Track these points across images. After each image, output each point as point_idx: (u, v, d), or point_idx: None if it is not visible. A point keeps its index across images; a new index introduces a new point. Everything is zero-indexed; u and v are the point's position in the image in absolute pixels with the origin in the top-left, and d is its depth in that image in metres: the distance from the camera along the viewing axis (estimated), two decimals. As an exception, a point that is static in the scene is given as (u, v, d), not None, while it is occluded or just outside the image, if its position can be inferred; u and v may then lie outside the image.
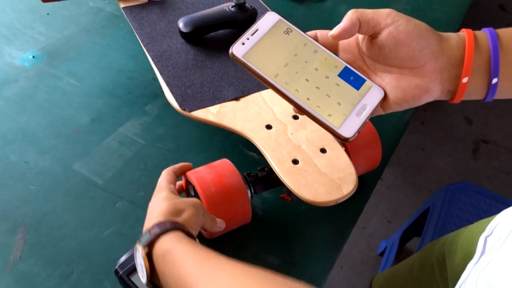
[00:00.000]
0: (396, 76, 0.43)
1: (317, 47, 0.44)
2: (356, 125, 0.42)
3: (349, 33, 0.41)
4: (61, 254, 0.56)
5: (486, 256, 0.49)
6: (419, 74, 0.41)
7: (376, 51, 0.42)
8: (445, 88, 0.42)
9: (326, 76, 0.43)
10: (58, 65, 0.78)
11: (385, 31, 0.40)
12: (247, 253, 0.58)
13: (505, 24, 2.53)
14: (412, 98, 0.42)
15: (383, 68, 0.43)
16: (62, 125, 0.69)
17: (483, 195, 1.11)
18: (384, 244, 1.48)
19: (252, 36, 0.43)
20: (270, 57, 0.43)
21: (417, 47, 0.40)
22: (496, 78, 0.41)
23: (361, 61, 0.45)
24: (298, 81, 0.43)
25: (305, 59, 0.43)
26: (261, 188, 0.58)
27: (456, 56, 0.41)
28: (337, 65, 0.44)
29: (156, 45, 0.69)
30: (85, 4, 0.90)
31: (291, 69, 0.43)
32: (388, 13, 0.41)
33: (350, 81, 0.43)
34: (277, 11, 0.79)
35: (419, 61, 0.41)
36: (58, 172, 0.64)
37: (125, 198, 0.62)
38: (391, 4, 0.98)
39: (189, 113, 0.60)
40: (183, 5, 0.77)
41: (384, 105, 0.43)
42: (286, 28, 0.44)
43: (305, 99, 0.42)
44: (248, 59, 0.42)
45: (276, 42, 0.44)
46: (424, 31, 0.41)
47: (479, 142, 1.93)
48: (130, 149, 0.67)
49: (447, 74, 0.41)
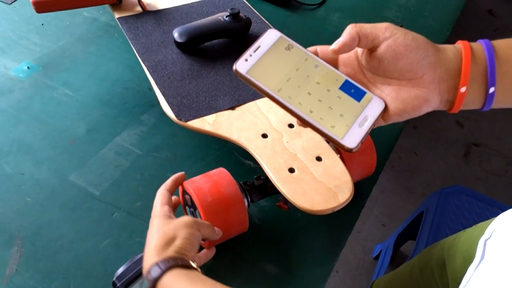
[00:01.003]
0: (395, 88, 0.44)
1: (318, 62, 0.45)
2: (359, 136, 0.43)
3: (349, 47, 0.42)
4: (57, 266, 0.56)
5: (487, 260, 0.50)
6: (418, 85, 0.42)
7: (376, 64, 0.43)
8: (444, 98, 0.43)
9: (327, 89, 0.44)
10: (53, 75, 0.78)
11: (384, 44, 0.42)
12: (244, 262, 0.58)
13: (494, 28, 2.57)
14: (412, 108, 0.43)
15: (383, 81, 0.45)
16: (58, 136, 0.69)
17: (476, 199, 1.12)
18: (379, 247, 1.49)
19: (254, 53, 0.44)
20: (273, 73, 0.44)
21: (415, 58, 0.41)
22: (493, 87, 0.42)
23: (361, 74, 0.46)
24: (301, 95, 0.44)
25: (306, 73, 0.45)
26: (257, 197, 0.58)
27: (453, 67, 0.42)
28: (338, 78, 0.45)
29: (152, 55, 0.70)
30: (79, 14, 0.90)
31: (293, 84, 0.44)
32: (386, 26, 0.42)
33: (351, 93, 0.45)
34: (270, 20, 0.81)
35: (417, 72, 0.42)
36: (54, 184, 0.64)
37: (122, 208, 0.62)
38: (383, 11, 1.00)
39: (185, 123, 0.60)
40: (178, 15, 0.77)
41: (385, 116, 0.44)
42: (287, 44, 0.46)
43: (308, 112, 0.43)
44: (251, 75, 0.43)
45: (278, 58, 0.45)
46: (422, 43, 0.42)
47: (471, 145, 1.95)
48: (126, 159, 0.67)
49: (445, 85, 0.43)
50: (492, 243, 0.55)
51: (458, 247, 0.67)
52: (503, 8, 2.73)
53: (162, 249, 0.45)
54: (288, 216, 0.63)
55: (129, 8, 0.78)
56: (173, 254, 0.45)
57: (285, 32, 0.47)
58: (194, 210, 0.56)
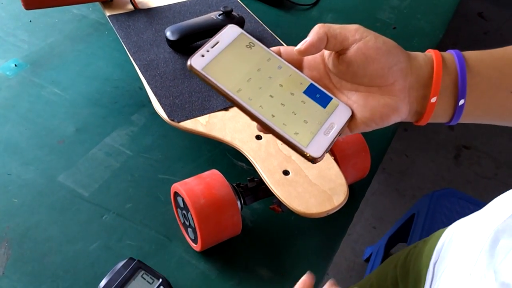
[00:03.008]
0: (363, 95, 0.41)
1: (281, 62, 0.42)
2: (324, 145, 0.40)
3: (316, 48, 0.39)
4: (45, 269, 0.54)
5: (436, 284, 0.49)
6: (387, 92, 0.40)
7: (344, 68, 0.41)
8: (413, 108, 0.41)
9: (291, 93, 0.41)
10: (41, 73, 0.77)
11: (354, 47, 0.39)
12: (237, 265, 0.57)
13: (484, 31, 2.59)
14: (380, 117, 0.40)
15: (350, 86, 0.42)
16: (46, 136, 0.68)
17: (467, 201, 1.13)
18: (370, 250, 1.49)
19: (212, 49, 0.41)
20: (232, 71, 0.41)
21: (386, 63, 0.39)
22: (463, 100, 0.40)
23: (327, 79, 0.43)
24: (262, 97, 0.40)
25: (269, 74, 0.41)
26: (251, 199, 0.57)
27: (424, 76, 0.40)
28: (302, 82, 0.42)
29: (143, 54, 0.68)
30: (69, 11, 0.89)
31: (254, 85, 0.41)
32: (356, 28, 0.40)
33: (316, 98, 0.42)
34: (263, 19, 0.80)
35: (388, 78, 0.39)
36: (42, 184, 0.62)
37: (111, 210, 0.61)
38: (376, 13, 0.99)
39: (177, 123, 0.59)
40: (170, 14, 0.76)
41: (351, 125, 0.42)
42: (248, 42, 0.43)
43: (270, 116, 0.40)
44: (208, 72, 0.40)
45: (238, 56, 0.42)
46: (393, 48, 0.40)
47: (461, 147, 1.96)
48: (116, 160, 0.66)
49: (415, 94, 0.40)
50: (440, 265, 0.55)
51: (410, 267, 0.66)
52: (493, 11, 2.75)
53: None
54: (281, 219, 0.62)
55: (120, 6, 0.76)
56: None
57: (278, 32, 0.45)
58: (187, 213, 0.54)
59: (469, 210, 1.11)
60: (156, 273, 0.51)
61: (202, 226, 0.52)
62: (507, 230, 0.43)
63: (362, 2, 1.02)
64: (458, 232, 0.56)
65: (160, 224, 0.60)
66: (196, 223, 0.52)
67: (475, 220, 0.53)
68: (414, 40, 0.94)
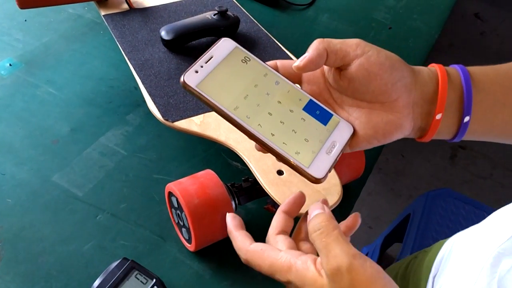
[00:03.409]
0: (365, 111, 0.39)
1: (279, 78, 0.41)
2: (326, 165, 0.38)
3: (316, 64, 0.38)
4: (39, 270, 0.54)
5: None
6: (390, 109, 0.38)
7: (345, 84, 0.39)
8: (417, 125, 0.40)
9: (290, 110, 0.39)
10: (36, 73, 0.76)
11: (355, 63, 0.38)
12: (231, 265, 0.57)
13: (480, 32, 2.60)
14: (382, 135, 0.39)
15: (352, 102, 0.40)
16: (40, 135, 0.68)
17: (463, 202, 1.13)
18: (366, 250, 1.49)
19: (206, 64, 0.39)
20: (228, 88, 0.39)
21: (390, 79, 0.38)
22: (468, 117, 0.39)
23: (327, 94, 0.42)
24: (261, 115, 0.38)
25: (266, 90, 0.40)
26: (245, 199, 0.57)
27: (428, 91, 0.39)
28: (301, 98, 0.40)
29: (138, 54, 0.68)
30: (64, 11, 0.89)
31: (252, 102, 0.39)
32: (357, 43, 0.38)
33: (316, 115, 0.40)
34: (259, 19, 0.80)
35: (391, 95, 0.38)
36: (36, 184, 0.62)
37: (106, 210, 0.60)
38: (372, 13, 0.99)
39: (172, 123, 0.59)
40: (165, 14, 0.76)
41: (353, 142, 0.40)
42: (243, 56, 0.41)
43: (269, 135, 0.38)
44: (202, 90, 0.38)
45: (234, 72, 0.40)
46: (397, 62, 0.38)
47: (457, 148, 1.97)
48: (111, 160, 0.66)
49: (419, 110, 0.39)
50: (439, 279, 0.55)
51: (410, 278, 0.65)
52: (489, 12, 2.76)
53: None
54: (276, 218, 0.62)
55: (115, 5, 0.76)
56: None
57: (274, 32, 0.44)
58: (181, 213, 0.54)
59: (464, 211, 1.11)
60: (150, 273, 0.50)
61: (196, 226, 0.52)
62: (510, 250, 0.43)
63: (358, 2, 1.02)
64: (458, 246, 0.55)
65: (155, 224, 0.60)
66: (190, 223, 0.52)
67: (475, 235, 0.52)
68: (409, 40, 0.94)
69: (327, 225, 0.35)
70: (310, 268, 0.35)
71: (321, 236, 0.35)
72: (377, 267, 0.34)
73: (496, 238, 0.46)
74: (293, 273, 0.35)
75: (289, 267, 0.36)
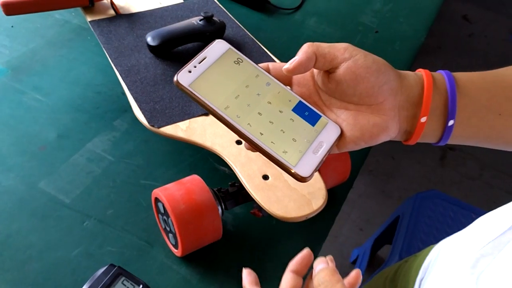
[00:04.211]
0: (353, 113, 0.41)
1: (270, 79, 0.42)
2: (313, 164, 0.39)
3: (305, 67, 0.39)
4: (26, 277, 0.54)
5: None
6: (377, 111, 0.40)
7: (333, 86, 0.40)
8: (402, 127, 0.41)
9: (279, 111, 0.41)
10: (23, 79, 0.76)
11: (343, 66, 0.39)
12: (218, 270, 0.57)
13: (469, 33, 2.62)
14: (369, 136, 0.40)
15: (340, 104, 0.41)
16: (27, 142, 0.68)
17: (450, 203, 1.14)
18: (356, 252, 1.50)
19: (199, 64, 0.40)
20: (220, 88, 0.40)
21: (376, 82, 0.39)
22: (452, 120, 0.40)
23: (316, 96, 0.43)
24: (251, 115, 0.40)
25: (257, 91, 0.41)
26: (232, 204, 0.58)
27: (414, 95, 0.40)
28: (291, 99, 0.42)
29: (124, 59, 0.68)
30: (51, 17, 0.88)
31: (242, 102, 0.40)
32: (345, 47, 0.40)
33: (305, 116, 0.41)
34: (246, 24, 0.80)
35: (378, 97, 0.39)
36: (23, 191, 0.62)
37: (93, 216, 0.60)
38: (358, 16, 1.00)
39: (158, 129, 0.59)
40: (152, 19, 0.76)
41: (340, 144, 0.41)
42: (236, 58, 0.42)
43: (258, 134, 0.39)
44: (195, 89, 0.39)
45: (226, 72, 0.41)
46: (383, 66, 0.39)
47: (446, 149, 1.98)
48: (98, 166, 0.66)
49: (405, 113, 0.40)
50: (425, 283, 0.56)
51: (399, 282, 0.66)
52: (477, 14, 2.79)
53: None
54: (262, 223, 0.62)
55: (101, 11, 0.76)
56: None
57: (261, 36, 0.45)
58: (167, 218, 0.55)
59: (452, 212, 1.12)
60: (137, 279, 0.51)
61: (182, 231, 0.52)
62: (488, 252, 0.44)
63: (345, 6, 1.03)
64: (443, 251, 0.56)
65: (142, 229, 0.60)
66: (176, 229, 0.52)
67: (460, 240, 0.54)
68: (396, 43, 0.95)
69: (330, 279, 0.37)
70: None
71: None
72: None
73: (478, 242, 0.46)
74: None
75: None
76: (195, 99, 0.39)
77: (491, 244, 0.44)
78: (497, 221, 0.48)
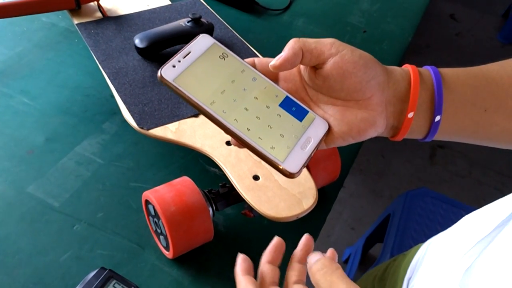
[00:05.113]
0: (340, 109, 0.40)
1: (256, 74, 0.41)
2: (301, 160, 0.39)
3: (291, 63, 0.39)
4: (15, 282, 0.54)
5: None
6: (365, 106, 0.40)
7: (320, 82, 0.40)
8: (389, 123, 0.41)
9: (266, 106, 0.40)
10: (9, 83, 0.76)
11: (330, 61, 0.39)
12: (210, 271, 0.57)
13: (456, 32, 2.64)
14: (357, 132, 0.40)
15: (327, 100, 0.41)
16: (14, 146, 0.67)
17: (440, 201, 1.15)
18: (348, 251, 1.50)
19: (184, 59, 0.39)
20: (205, 83, 0.39)
21: (364, 77, 0.39)
22: (439, 116, 0.40)
23: (303, 91, 0.43)
24: (237, 110, 0.39)
25: (243, 86, 0.40)
26: (223, 205, 0.57)
27: (401, 90, 0.40)
28: (277, 94, 0.41)
29: (112, 62, 0.68)
30: (37, 20, 0.88)
31: (228, 97, 0.39)
32: (331, 42, 0.39)
33: (292, 112, 0.41)
34: (235, 25, 0.80)
35: (365, 92, 0.39)
36: (11, 196, 0.61)
37: (83, 220, 0.60)
38: (346, 17, 1.01)
39: (147, 131, 0.59)
40: (140, 21, 0.76)
41: (328, 139, 0.41)
42: (221, 52, 0.41)
43: (245, 129, 0.38)
44: (180, 84, 0.38)
45: (211, 67, 0.40)
46: (370, 61, 0.39)
47: (436, 147, 2.00)
48: (87, 169, 0.65)
49: (392, 108, 0.40)
50: (413, 282, 0.56)
51: (387, 281, 0.67)
52: (464, 13, 2.81)
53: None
54: (254, 223, 0.62)
55: (88, 14, 0.76)
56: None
57: (250, 37, 0.44)
58: (158, 220, 0.54)
59: (442, 209, 1.13)
60: (128, 282, 0.50)
61: (173, 233, 0.52)
62: (477, 252, 0.44)
63: (333, 6, 1.03)
64: (431, 250, 0.57)
65: (132, 232, 0.59)
66: (167, 231, 0.52)
67: (447, 239, 0.54)
68: (384, 43, 0.95)
69: (330, 265, 0.36)
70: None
71: (325, 275, 0.35)
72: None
73: (465, 241, 0.47)
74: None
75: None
76: (180, 94, 0.38)
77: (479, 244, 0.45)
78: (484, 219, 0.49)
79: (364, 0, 1.06)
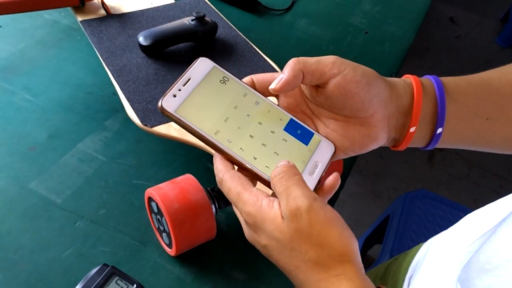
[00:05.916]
0: (342, 124, 0.40)
1: (258, 97, 0.40)
2: (310, 186, 0.36)
3: (292, 86, 0.38)
4: (17, 278, 0.54)
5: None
6: (367, 123, 0.39)
7: (322, 100, 0.40)
8: (391, 136, 0.41)
9: (271, 131, 0.39)
10: (12, 80, 0.76)
11: (332, 82, 0.38)
12: (212, 269, 0.57)
13: (456, 35, 2.65)
14: (359, 147, 0.40)
15: (328, 115, 0.41)
16: (17, 143, 0.67)
17: (439, 202, 1.15)
18: (347, 252, 1.50)
19: (184, 87, 0.38)
20: (208, 111, 0.38)
21: (366, 96, 0.38)
22: (441, 128, 0.40)
23: (304, 105, 0.42)
24: (242, 138, 0.38)
25: (246, 112, 0.39)
26: (225, 203, 0.57)
27: (404, 105, 0.40)
28: (282, 117, 0.40)
29: (116, 59, 0.68)
30: (40, 17, 0.88)
31: (232, 124, 0.38)
32: (333, 61, 0.38)
33: (297, 135, 0.40)
34: (237, 24, 0.80)
35: (368, 110, 0.39)
36: (14, 192, 0.61)
37: (85, 217, 0.60)
38: (348, 18, 1.01)
39: (151, 128, 0.59)
40: (143, 19, 0.76)
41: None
42: (222, 76, 0.40)
43: (251, 158, 0.37)
44: (182, 115, 0.37)
45: (213, 93, 0.39)
46: (373, 79, 0.39)
47: (434, 149, 2.00)
48: (90, 166, 0.65)
49: (394, 123, 0.40)
50: (414, 281, 0.56)
51: (388, 280, 0.67)
52: (463, 16, 2.82)
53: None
54: (256, 222, 0.62)
55: (92, 11, 0.76)
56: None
57: (252, 37, 0.44)
58: (161, 218, 0.54)
59: (441, 211, 1.14)
60: (131, 279, 0.50)
61: (176, 231, 0.52)
62: (475, 248, 0.44)
63: (335, 7, 1.04)
64: (432, 249, 0.57)
65: (135, 229, 0.59)
66: (170, 228, 0.52)
67: (448, 238, 0.54)
68: (385, 44, 0.95)
69: (288, 170, 0.35)
70: (274, 207, 0.35)
71: (281, 180, 0.35)
72: (337, 213, 0.34)
73: (466, 239, 0.47)
74: (257, 207, 0.35)
75: (255, 202, 0.35)
76: (183, 125, 0.37)
77: (478, 241, 0.45)
78: (484, 218, 0.49)
79: (366, 2, 1.07)
